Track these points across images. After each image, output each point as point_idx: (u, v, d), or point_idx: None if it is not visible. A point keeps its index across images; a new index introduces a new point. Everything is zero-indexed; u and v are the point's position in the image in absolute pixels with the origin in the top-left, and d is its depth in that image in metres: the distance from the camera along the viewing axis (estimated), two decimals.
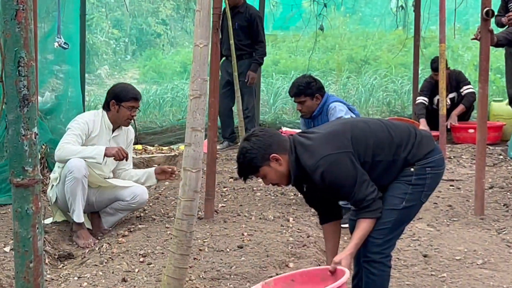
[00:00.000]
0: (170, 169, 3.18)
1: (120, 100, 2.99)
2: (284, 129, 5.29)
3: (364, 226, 1.85)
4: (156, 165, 4.27)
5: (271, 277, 2.14)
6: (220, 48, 3.82)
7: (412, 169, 1.87)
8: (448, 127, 4.86)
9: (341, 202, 2.11)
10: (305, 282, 1.98)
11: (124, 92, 3.07)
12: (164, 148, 5.33)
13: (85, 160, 2.79)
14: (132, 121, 3.19)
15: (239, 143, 2.61)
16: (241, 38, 4.78)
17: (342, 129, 1.94)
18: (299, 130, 3.54)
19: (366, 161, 1.84)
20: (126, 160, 2.98)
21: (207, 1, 1.80)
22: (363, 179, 1.80)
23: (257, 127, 3.91)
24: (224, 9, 3.76)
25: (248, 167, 1.88)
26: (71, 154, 2.81)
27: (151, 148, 5.31)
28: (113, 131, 3.08)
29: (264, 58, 5.20)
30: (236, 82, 4.16)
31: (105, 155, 2.82)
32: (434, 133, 4.03)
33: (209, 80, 2.77)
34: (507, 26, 4.01)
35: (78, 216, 2.87)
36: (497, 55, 5.79)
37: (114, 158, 2.88)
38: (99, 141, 2.99)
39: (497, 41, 3.65)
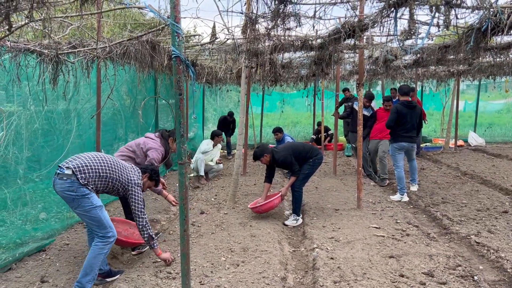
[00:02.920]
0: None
1: (215, 135, 8.22)
2: (269, 145, 11.81)
3: (293, 178, 5.40)
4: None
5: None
6: None
7: (310, 160, 5.07)
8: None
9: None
10: (272, 197, 5.13)
11: (217, 132, 8.34)
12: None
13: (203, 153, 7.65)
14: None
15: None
16: None
17: (287, 146, 5.61)
18: (274, 145, 7.29)
19: (296, 156, 5.27)
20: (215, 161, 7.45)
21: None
22: (294, 162, 4.86)
23: (260, 143, 7.84)
24: None
25: (256, 157, 5.47)
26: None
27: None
28: (215, 145, 8.25)
29: None
30: None
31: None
32: (319, 147, 10.34)
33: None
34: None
35: (201, 172, 7.89)
36: None
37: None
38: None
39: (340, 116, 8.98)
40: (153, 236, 3.75)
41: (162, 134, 4.81)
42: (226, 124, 11.28)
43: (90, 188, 3.39)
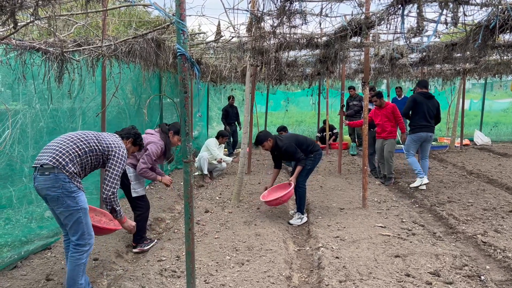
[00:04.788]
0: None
1: (221, 135, 8.35)
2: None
3: (299, 168, 5.27)
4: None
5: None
6: None
7: (311, 155, 5.08)
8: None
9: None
10: (280, 188, 5.28)
11: (224, 133, 8.48)
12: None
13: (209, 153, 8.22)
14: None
15: None
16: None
17: (290, 136, 5.59)
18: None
19: (299, 147, 5.18)
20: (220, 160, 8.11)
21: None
22: (298, 150, 4.85)
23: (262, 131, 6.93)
24: None
25: (259, 141, 5.29)
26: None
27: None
28: (219, 144, 8.29)
29: None
30: None
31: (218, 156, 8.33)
32: (323, 145, 11.14)
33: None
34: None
35: (204, 171, 8.03)
36: None
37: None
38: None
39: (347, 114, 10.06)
40: (116, 208, 3.42)
41: (162, 128, 4.67)
42: (229, 115, 11.46)
43: (77, 180, 3.11)
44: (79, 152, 3.17)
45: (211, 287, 3.44)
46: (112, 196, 3.35)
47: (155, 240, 4.66)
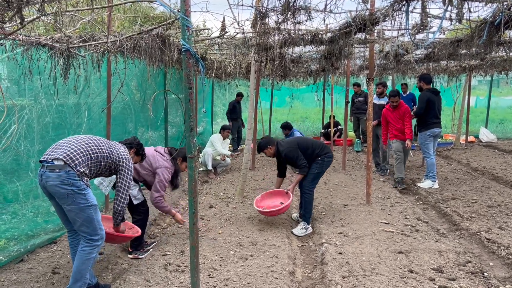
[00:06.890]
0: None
1: (222, 129, 8.53)
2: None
3: (299, 177, 4.93)
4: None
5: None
6: None
7: (319, 158, 4.70)
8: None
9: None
10: (275, 195, 4.99)
11: (226, 126, 8.65)
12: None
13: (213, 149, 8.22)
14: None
15: None
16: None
17: (293, 139, 5.07)
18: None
19: (303, 152, 4.63)
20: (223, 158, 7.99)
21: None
22: (300, 156, 4.58)
23: (265, 135, 6.86)
24: None
25: (260, 148, 5.01)
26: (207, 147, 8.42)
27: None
28: (223, 139, 8.29)
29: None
30: None
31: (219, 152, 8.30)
32: (328, 142, 11.20)
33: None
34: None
35: (208, 167, 8.05)
36: None
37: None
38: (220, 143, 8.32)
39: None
40: (124, 218, 3.64)
41: (171, 152, 4.48)
42: (236, 110, 11.60)
43: (85, 179, 3.08)
44: (92, 155, 3.18)
45: (215, 281, 3.46)
46: (125, 208, 3.50)
47: (152, 245, 4.43)
